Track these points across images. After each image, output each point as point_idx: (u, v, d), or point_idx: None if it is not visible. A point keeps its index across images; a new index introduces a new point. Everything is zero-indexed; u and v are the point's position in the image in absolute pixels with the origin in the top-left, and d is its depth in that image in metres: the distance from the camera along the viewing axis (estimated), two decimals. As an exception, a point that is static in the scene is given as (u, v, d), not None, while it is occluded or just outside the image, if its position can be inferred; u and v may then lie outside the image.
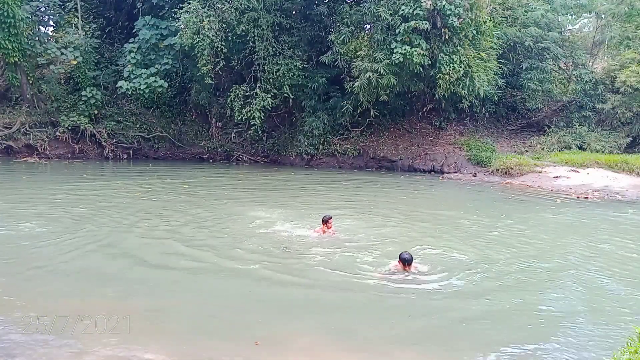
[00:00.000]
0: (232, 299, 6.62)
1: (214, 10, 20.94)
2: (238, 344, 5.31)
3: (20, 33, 21.33)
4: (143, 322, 5.68)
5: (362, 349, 5.30)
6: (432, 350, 5.37)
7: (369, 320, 6.01)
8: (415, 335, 5.72)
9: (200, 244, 9.14)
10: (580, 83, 24.47)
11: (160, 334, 5.43)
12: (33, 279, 7.03)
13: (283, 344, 5.34)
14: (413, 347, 5.40)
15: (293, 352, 5.18)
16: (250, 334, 5.47)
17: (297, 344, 5.36)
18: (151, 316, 5.91)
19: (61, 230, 9.67)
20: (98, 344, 5.11)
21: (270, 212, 11.96)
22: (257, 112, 22.12)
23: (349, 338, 5.58)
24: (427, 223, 11.50)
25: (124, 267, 7.71)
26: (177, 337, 5.39)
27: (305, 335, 5.56)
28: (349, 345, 5.41)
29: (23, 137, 23.10)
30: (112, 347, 5.05)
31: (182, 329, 5.62)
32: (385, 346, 5.40)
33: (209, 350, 5.14)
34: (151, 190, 15.39)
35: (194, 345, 5.23)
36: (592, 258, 8.92)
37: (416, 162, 23.18)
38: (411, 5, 19.12)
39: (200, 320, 5.88)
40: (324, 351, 5.22)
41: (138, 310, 6.03)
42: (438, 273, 7.65)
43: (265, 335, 5.45)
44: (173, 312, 6.14)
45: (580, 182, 17.73)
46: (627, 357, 3.61)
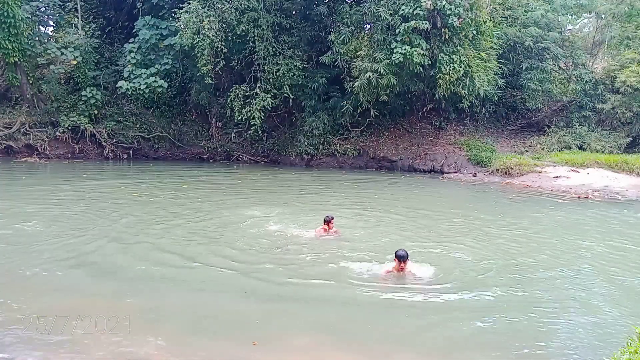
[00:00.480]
0: (229, 298, 6.60)
1: (214, 10, 20.94)
2: (236, 343, 5.30)
3: (20, 33, 21.34)
4: (139, 321, 5.66)
5: (360, 349, 5.29)
6: (430, 350, 5.35)
7: (368, 320, 6.00)
8: (414, 335, 5.71)
9: (197, 243, 9.13)
10: (580, 83, 24.47)
11: (156, 334, 5.40)
12: (32, 278, 7.02)
13: (281, 344, 5.32)
14: (411, 347, 5.39)
15: (291, 352, 5.17)
16: (248, 334, 5.46)
17: (294, 343, 5.34)
18: (148, 316, 5.88)
19: (60, 229, 9.67)
20: (97, 343, 5.11)
21: (269, 211, 11.95)
22: (257, 112, 22.13)
23: (347, 338, 5.56)
24: (427, 223, 11.48)
25: (121, 266, 7.69)
26: (173, 337, 5.37)
27: (303, 335, 5.55)
28: (347, 345, 5.40)
29: (23, 137, 23.11)
30: (111, 347, 5.05)
31: (178, 328, 5.60)
32: (383, 347, 5.40)
33: (206, 350, 5.13)
34: (151, 189, 15.39)
35: (190, 345, 5.21)
36: (593, 257, 8.92)
37: (416, 162, 23.18)
38: (411, 5, 19.12)
39: (197, 320, 5.86)
40: (322, 351, 5.21)
41: (134, 310, 5.99)
42: (437, 273, 7.64)
43: (262, 335, 5.43)
44: (170, 311, 6.12)
45: (580, 182, 17.72)
46: (627, 357, 3.61)
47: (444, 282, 7.24)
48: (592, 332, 5.82)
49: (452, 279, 7.39)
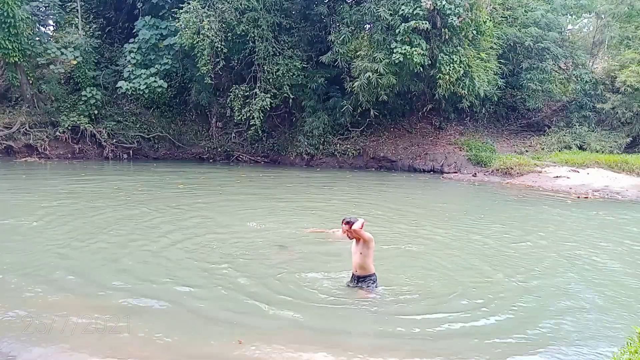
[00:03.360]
0: (215, 296, 6.51)
1: (213, 10, 20.94)
2: (221, 342, 5.23)
3: (20, 33, 21.32)
4: (123, 319, 5.56)
5: (347, 348, 5.21)
6: (420, 351, 5.28)
7: (355, 319, 5.92)
8: (403, 334, 5.62)
9: (193, 242, 9.07)
10: (580, 83, 24.47)
11: (140, 332, 5.34)
12: (31, 277, 7.00)
13: (266, 343, 5.24)
14: (401, 347, 5.31)
15: (277, 351, 5.09)
16: (233, 333, 5.40)
17: (280, 342, 5.27)
18: (131, 314, 5.78)
19: (59, 229, 9.66)
20: (77, 340, 5.08)
21: (269, 211, 11.96)
22: (256, 112, 22.13)
23: (333, 336, 5.49)
24: (426, 222, 11.50)
25: (111, 267, 7.58)
26: (157, 336, 5.30)
27: (289, 334, 5.48)
28: (333, 343, 5.32)
29: (23, 137, 23.08)
30: (91, 344, 5.01)
31: (163, 327, 5.51)
32: (371, 346, 5.33)
33: (191, 348, 5.07)
34: (151, 189, 15.38)
35: (174, 344, 5.16)
36: (592, 257, 8.92)
37: (416, 162, 23.19)
38: (411, 5, 19.12)
39: (182, 319, 5.78)
40: (308, 350, 5.14)
41: (116, 308, 5.94)
42: (437, 273, 7.65)
43: (248, 334, 5.37)
44: (154, 309, 6.02)
45: (580, 182, 17.73)
46: (627, 357, 3.61)
47: (438, 282, 7.23)
48: (593, 331, 5.82)
49: (450, 277, 7.37)
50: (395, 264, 8.01)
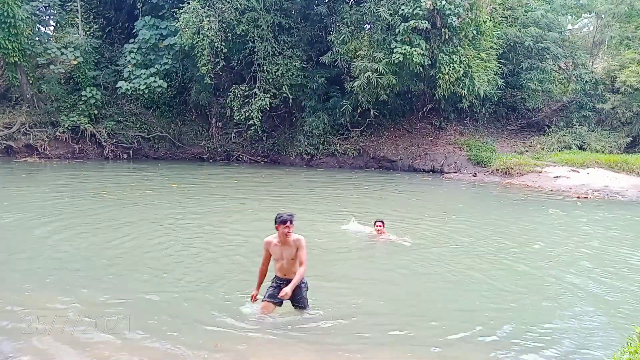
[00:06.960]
0: (194, 299, 6.36)
1: (213, 10, 20.94)
2: (197, 345, 5.07)
3: (20, 33, 21.31)
4: (100, 319, 5.48)
5: (327, 349, 5.13)
6: (421, 351, 5.25)
7: (335, 319, 5.80)
8: (389, 333, 5.56)
9: (188, 242, 9.06)
10: (580, 83, 24.46)
11: (116, 333, 5.22)
12: (30, 277, 6.99)
13: (243, 345, 5.11)
14: (386, 347, 5.25)
15: (254, 354, 4.97)
16: (209, 336, 5.27)
17: (257, 345, 5.16)
18: (108, 315, 5.67)
19: (58, 228, 9.67)
20: (53, 339, 5.04)
21: (267, 211, 11.94)
22: (255, 112, 22.11)
23: (311, 337, 5.39)
24: (426, 222, 11.50)
25: (97, 265, 7.57)
26: (134, 337, 5.19)
27: (267, 336, 5.35)
28: (312, 344, 5.22)
29: (23, 137, 23.07)
30: (66, 344, 4.96)
31: (139, 328, 5.37)
32: (355, 345, 5.23)
33: (166, 352, 4.95)
34: (150, 189, 15.39)
35: (150, 346, 5.04)
36: (594, 256, 8.93)
37: (416, 162, 23.18)
38: (411, 5, 19.12)
39: (158, 321, 5.62)
40: (287, 352, 5.04)
41: (93, 307, 5.87)
42: (436, 272, 7.65)
43: (224, 337, 5.24)
44: (131, 310, 5.85)
45: (580, 182, 17.73)
46: (627, 357, 3.61)
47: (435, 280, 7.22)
48: (593, 332, 5.82)
49: (448, 276, 7.37)
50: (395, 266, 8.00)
